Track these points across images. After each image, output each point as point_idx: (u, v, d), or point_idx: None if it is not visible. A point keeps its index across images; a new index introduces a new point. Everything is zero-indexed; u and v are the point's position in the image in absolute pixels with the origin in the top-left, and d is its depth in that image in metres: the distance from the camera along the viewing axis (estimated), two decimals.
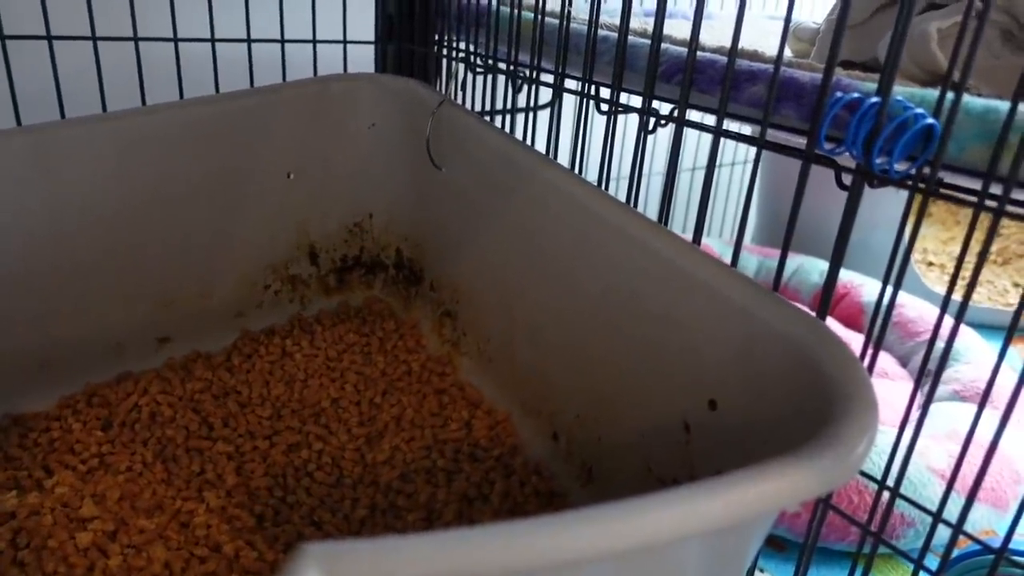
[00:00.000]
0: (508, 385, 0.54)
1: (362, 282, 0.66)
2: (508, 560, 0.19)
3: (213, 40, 0.56)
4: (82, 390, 0.53)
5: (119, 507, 0.43)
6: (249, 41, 0.58)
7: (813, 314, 0.32)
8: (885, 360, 0.72)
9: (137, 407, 0.52)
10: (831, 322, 0.78)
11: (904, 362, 0.72)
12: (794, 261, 0.88)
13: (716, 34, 0.69)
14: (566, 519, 0.20)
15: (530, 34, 0.51)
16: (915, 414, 0.64)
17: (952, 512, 0.51)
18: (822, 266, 0.88)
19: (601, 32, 0.47)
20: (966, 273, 1.03)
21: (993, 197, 0.29)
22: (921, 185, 0.29)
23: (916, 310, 0.76)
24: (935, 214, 1.16)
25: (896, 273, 0.33)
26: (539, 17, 0.49)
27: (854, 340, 0.77)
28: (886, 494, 0.37)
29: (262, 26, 0.59)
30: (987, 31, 0.38)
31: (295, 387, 0.54)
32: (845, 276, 0.85)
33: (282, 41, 0.59)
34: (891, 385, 0.65)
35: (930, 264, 1.02)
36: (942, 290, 0.94)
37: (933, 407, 0.61)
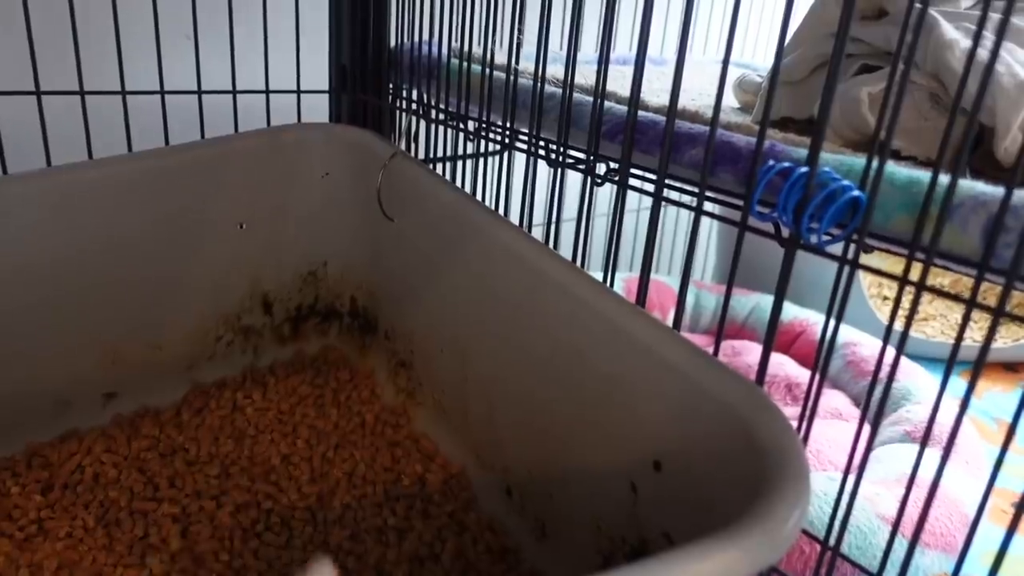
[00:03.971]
0: (463, 438, 0.53)
1: (317, 330, 0.66)
2: None
3: (163, 92, 0.56)
4: (23, 450, 0.51)
5: None
6: (200, 93, 0.57)
7: (751, 380, 0.32)
8: (839, 400, 0.72)
9: (80, 468, 0.50)
10: (786, 360, 0.79)
11: (858, 402, 0.73)
12: (751, 300, 0.89)
13: (670, 81, 0.70)
14: None
15: (480, 89, 0.51)
16: (869, 459, 0.65)
17: (902, 559, 0.51)
18: None
19: (549, 88, 0.47)
20: (924, 311, 1.05)
21: (919, 259, 0.30)
22: (848, 257, 0.30)
23: (870, 349, 0.77)
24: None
25: (831, 334, 0.34)
26: (486, 71, 0.50)
27: (808, 378, 0.78)
28: None
29: (214, 76, 0.59)
30: (916, 94, 0.39)
31: (245, 443, 0.53)
32: (801, 314, 0.86)
33: (234, 92, 0.59)
34: (844, 426, 0.66)
35: (885, 298, 1.03)
36: (898, 326, 0.95)
37: (882, 450, 0.61)
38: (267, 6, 0.59)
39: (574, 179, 0.46)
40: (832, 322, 0.32)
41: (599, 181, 0.43)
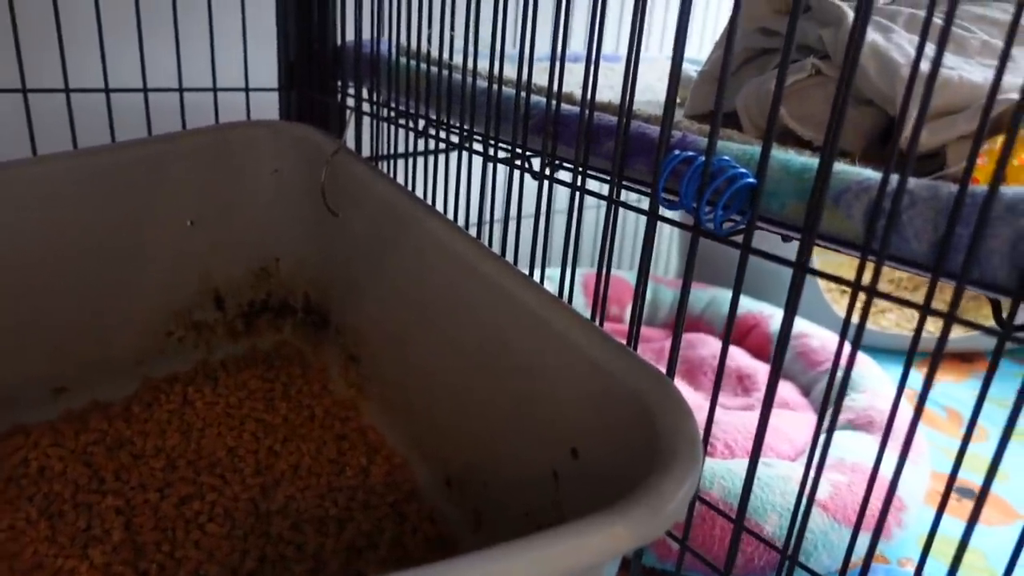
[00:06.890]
0: (407, 430, 0.54)
1: (271, 326, 0.66)
2: None
3: (107, 90, 0.56)
4: None
5: None
6: (146, 91, 0.58)
7: (660, 369, 0.33)
8: (787, 389, 0.74)
9: (26, 461, 0.51)
10: (739, 352, 0.80)
11: (806, 391, 0.74)
12: (707, 294, 0.91)
13: (616, 77, 0.71)
14: None
15: (424, 86, 0.52)
16: (804, 446, 0.66)
17: (833, 541, 0.52)
18: None
19: (484, 84, 0.48)
20: (881, 303, 1.07)
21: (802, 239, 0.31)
22: (742, 241, 0.31)
23: (820, 340, 0.78)
24: None
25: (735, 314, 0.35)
26: (422, 67, 0.51)
27: (762, 370, 0.80)
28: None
29: (160, 73, 0.59)
30: (828, 87, 0.40)
31: (192, 437, 0.54)
32: (755, 307, 0.87)
33: (180, 90, 0.59)
34: (791, 416, 0.67)
35: (844, 292, 1.05)
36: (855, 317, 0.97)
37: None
38: (211, 3, 0.60)
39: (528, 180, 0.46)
40: (748, 304, 0.33)
41: (546, 176, 0.44)
